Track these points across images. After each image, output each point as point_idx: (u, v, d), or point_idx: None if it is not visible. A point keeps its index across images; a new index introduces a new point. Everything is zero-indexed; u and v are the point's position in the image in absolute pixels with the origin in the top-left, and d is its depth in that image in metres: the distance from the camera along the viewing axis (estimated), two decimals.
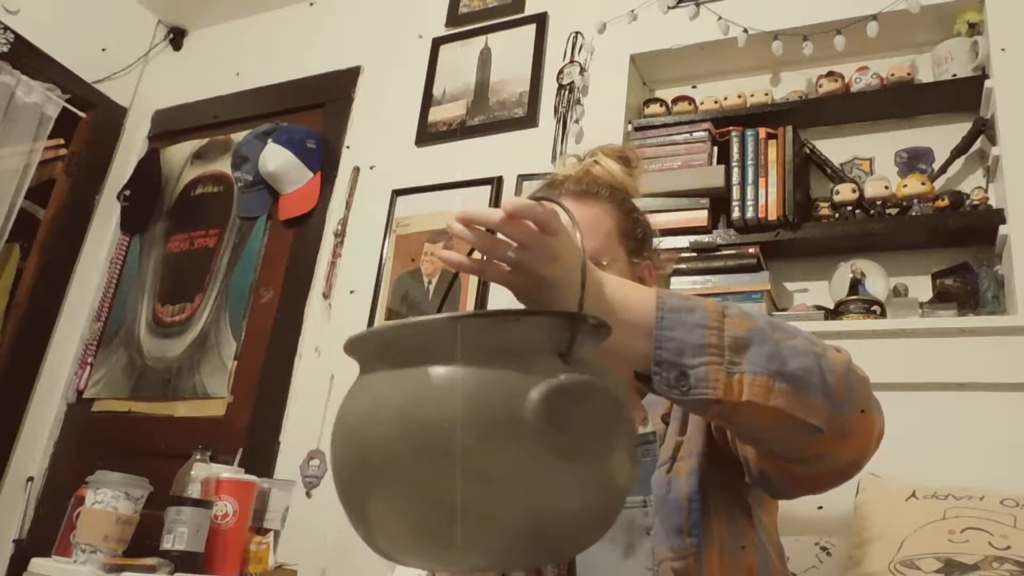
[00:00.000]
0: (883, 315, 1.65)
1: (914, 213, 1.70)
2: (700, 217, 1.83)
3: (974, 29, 1.79)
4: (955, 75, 1.77)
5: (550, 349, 0.57)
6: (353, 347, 0.61)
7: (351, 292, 2.29)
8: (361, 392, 0.60)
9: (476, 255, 0.68)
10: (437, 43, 2.48)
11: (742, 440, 0.86)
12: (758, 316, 0.73)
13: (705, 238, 1.81)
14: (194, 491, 1.78)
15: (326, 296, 2.32)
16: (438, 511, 0.53)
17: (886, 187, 1.72)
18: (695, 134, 1.92)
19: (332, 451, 0.61)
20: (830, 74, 1.89)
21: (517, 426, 0.52)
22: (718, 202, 1.85)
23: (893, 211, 1.72)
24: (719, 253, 1.79)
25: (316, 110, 2.64)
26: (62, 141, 2.83)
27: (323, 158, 2.49)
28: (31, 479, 2.53)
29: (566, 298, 0.66)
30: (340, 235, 2.38)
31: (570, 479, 0.54)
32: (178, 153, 2.90)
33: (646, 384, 0.71)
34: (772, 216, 1.77)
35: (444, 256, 0.69)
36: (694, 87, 2.15)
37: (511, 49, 2.33)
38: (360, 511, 0.58)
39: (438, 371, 0.55)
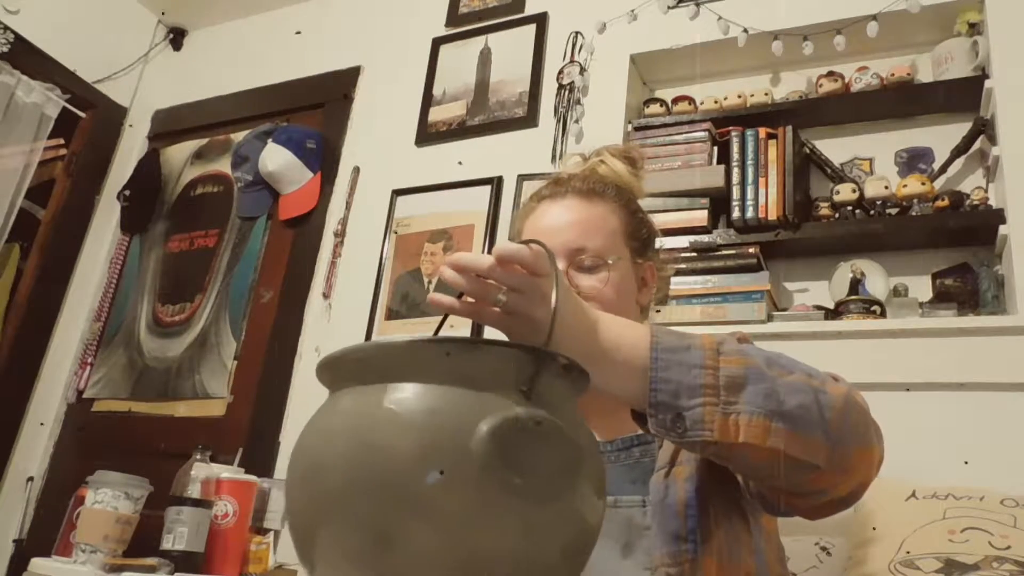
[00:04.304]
0: (883, 315, 1.65)
1: (914, 213, 1.70)
2: (700, 217, 1.83)
3: (974, 29, 1.79)
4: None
5: (512, 383, 0.54)
6: (321, 371, 0.60)
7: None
8: (320, 414, 0.59)
9: (467, 298, 0.68)
10: (437, 43, 2.48)
11: (742, 475, 0.86)
12: (754, 351, 0.73)
13: (705, 238, 1.81)
14: (194, 491, 1.78)
15: (326, 296, 2.32)
16: (375, 540, 0.51)
17: (886, 187, 1.72)
18: (695, 134, 1.92)
19: (287, 471, 0.59)
20: (830, 74, 1.89)
21: (462, 457, 0.50)
22: (718, 202, 1.85)
23: (893, 211, 1.72)
24: (719, 253, 1.79)
25: (316, 110, 2.64)
26: (62, 141, 2.83)
27: (323, 158, 2.49)
28: (31, 479, 2.53)
29: (559, 339, 0.65)
30: (340, 235, 2.38)
31: (514, 518, 0.51)
32: (178, 153, 2.90)
33: (642, 424, 0.71)
34: (772, 216, 1.77)
35: (436, 300, 0.68)
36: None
37: (511, 49, 2.33)
38: (304, 535, 0.56)
39: (391, 394, 0.53)
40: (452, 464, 0.50)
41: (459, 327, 1.90)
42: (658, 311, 1.16)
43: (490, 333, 0.70)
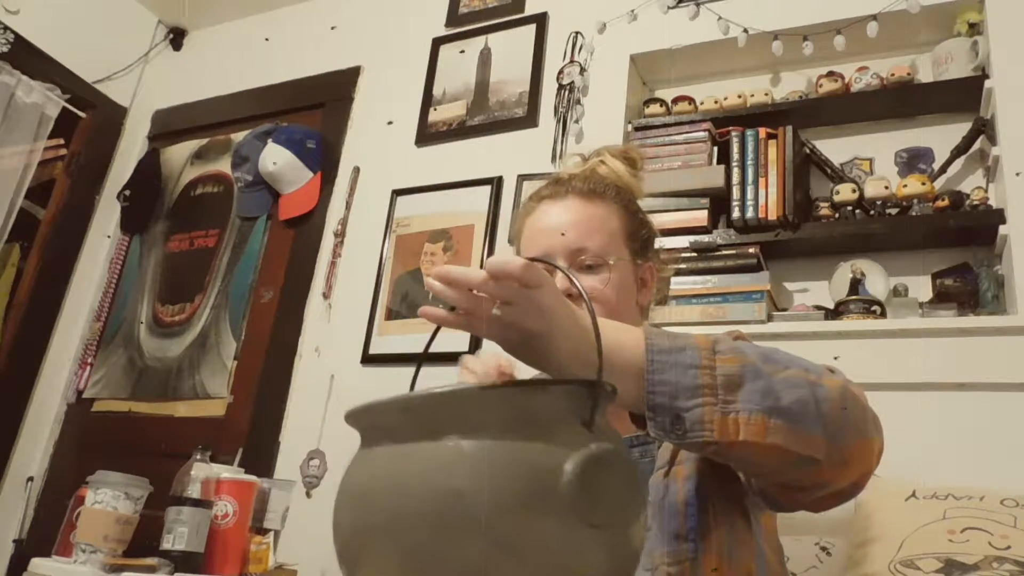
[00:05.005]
0: (883, 315, 1.65)
1: (914, 213, 1.70)
2: (700, 217, 1.83)
3: (974, 29, 1.79)
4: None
5: (573, 418, 0.57)
6: (361, 416, 0.60)
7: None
8: (375, 463, 0.58)
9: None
10: (437, 43, 2.48)
11: (743, 472, 0.86)
12: (749, 349, 0.73)
13: (705, 238, 1.81)
14: (194, 491, 1.78)
15: (326, 296, 2.32)
16: None
17: (886, 187, 1.72)
18: (695, 134, 1.92)
19: (340, 523, 0.59)
20: (830, 74, 1.89)
21: (551, 497, 0.52)
22: (718, 202, 1.85)
23: (893, 211, 1.72)
24: (719, 253, 1.79)
25: (316, 110, 2.64)
26: (62, 141, 2.83)
27: (323, 158, 2.49)
28: (31, 479, 2.52)
29: (557, 350, 0.65)
30: (340, 235, 2.38)
31: (598, 548, 0.54)
32: (178, 153, 2.90)
33: (641, 427, 0.71)
34: (772, 216, 1.77)
35: (427, 313, 0.67)
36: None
37: (511, 49, 2.33)
38: None
39: (469, 442, 0.54)
40: (545, 505, 0.52)
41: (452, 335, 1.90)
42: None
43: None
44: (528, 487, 0.52)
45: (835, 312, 1.69)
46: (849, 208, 1.76)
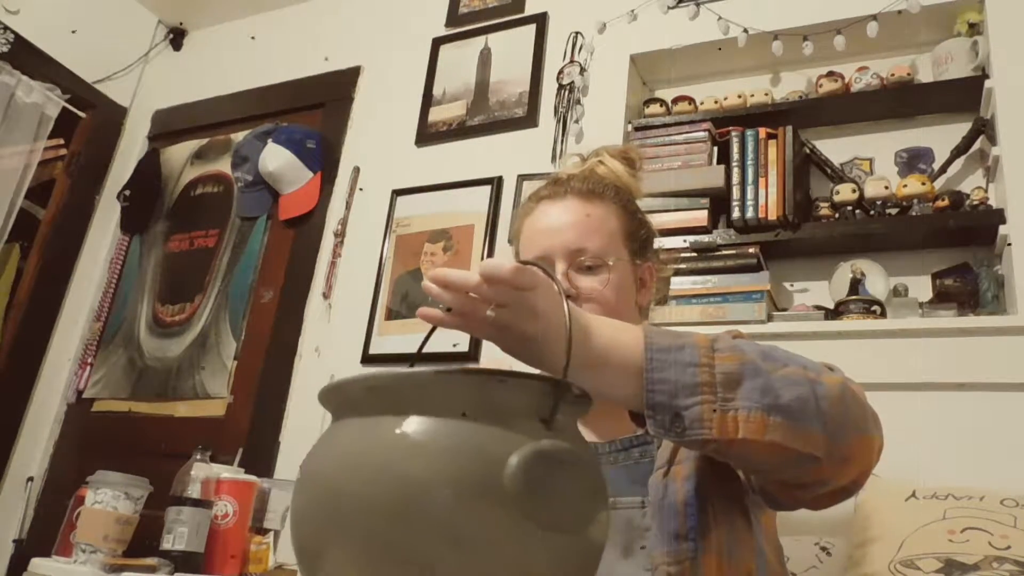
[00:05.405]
0: (883, 315, 1.65)
1: (914, 213, 1.70)
2: (700, 217, 1.83)
3: (974, 29, 1.79)
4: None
5: (532, 414, 0.56)
6: (330, 395, 0.60)
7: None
8: (334, 440, 0.58)
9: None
10: (437, 43, 2.48)
11: (743, 470, 0.86)
12: (748, 347, 0.73)
13: (705, 238, 1.81)
14: (194, 491, 1.78)
15: (326, 296, 2.32)
16: (403, 570, 0.51)
17: (886, 187, 1.72)
18: (695, 134, 1.92)
19: (295, 498, 0.59)
20: (830, 74, 1.89)
21: (495, 489, 0.51)
22: (718, 202, 1.85)
23: (893, 211, 1.72)
24: (719, 253, 1.79)
25: (316, 110, 2.64)
26: (62, 141, 2.83)
27: (323, 158, 2.49)
28: (31, 479, 2.53)
29: (552, 352, 0.65)
30: (340, 235, 2.38)
31: (542, 547, 0.53)
32: (178, 153, 2.90)
33: (641, 426, 0.71)
34: (772, 216, 1.77)
35: (424, 314, 0.68)
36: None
37: (511, 49, 2.33)
38: (319, 564, 0.56)
39: (420, 425, 0.53)
40: (487, 497, 0.51)
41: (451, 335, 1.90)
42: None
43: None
44: (473, 476, 0.52)
45: (835, 312, 1.69)
46: (849, 208, 1.76)
